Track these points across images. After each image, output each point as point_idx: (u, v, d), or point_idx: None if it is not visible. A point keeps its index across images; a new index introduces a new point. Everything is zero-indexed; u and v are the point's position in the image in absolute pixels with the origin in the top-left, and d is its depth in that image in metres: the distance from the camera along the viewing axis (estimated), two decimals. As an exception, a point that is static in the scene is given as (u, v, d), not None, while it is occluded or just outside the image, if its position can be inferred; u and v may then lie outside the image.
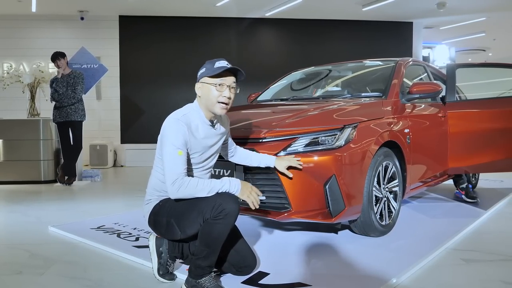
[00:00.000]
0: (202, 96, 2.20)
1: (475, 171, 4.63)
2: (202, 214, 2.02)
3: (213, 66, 2.17)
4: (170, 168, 2.06)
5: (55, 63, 5.99)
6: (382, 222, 3.03)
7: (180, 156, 2.07)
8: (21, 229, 3.47)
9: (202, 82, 2.20)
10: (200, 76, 2.22)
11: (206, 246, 2.04)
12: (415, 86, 3.59)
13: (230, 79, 2.20)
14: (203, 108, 2.22)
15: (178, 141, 2.08)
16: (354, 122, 2.82)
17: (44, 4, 8.19)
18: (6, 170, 6.25)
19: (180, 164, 2.07)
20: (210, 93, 2.16)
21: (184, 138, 2.10)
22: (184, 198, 2.09)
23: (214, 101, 2.16)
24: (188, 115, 2.18)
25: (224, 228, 2.02)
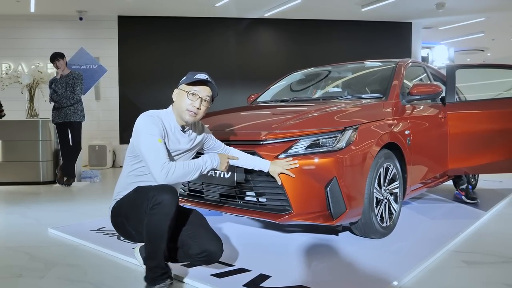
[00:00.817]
0: (176, 101, 2.29)
1: (475, 172, 4.64)
2: (143, 209, 2.05)
3: (193, 76, 2.26)
4: (154, 156, 2.09)
5: (54, 64, 5.97)
6: (382, 223, 3.02)
7: (160, 143, 2.13)
8: (21, 231, 3.46)
9: (179, 88, 2.30)
10: (179, 83, 2.31)
11: (148, 241, 2.04)
12: (415, 88, 3.59)
13: (204, 92, 2.27)
14: (175, 113, 2.30)
15: (154, 131, 2.14)
16: (355, 124, 2.82)
17: (43, 4, 8.17)
18: (5, 171, 6.23)
19: (162, 151, 2.12)
20: (183, 100, 2.25)
21: (159, 129, 2.17)
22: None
23: (184, 108, 2.24)
24: (161, 114, 2.27)
25: (161, 219, 2.00)
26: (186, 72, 2.40)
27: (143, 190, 2.13)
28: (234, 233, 3.22)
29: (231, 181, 2.83)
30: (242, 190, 2.84)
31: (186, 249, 2.24)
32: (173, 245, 2.25)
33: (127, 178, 2.29)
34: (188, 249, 2.23)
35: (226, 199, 2.96)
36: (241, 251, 2.78)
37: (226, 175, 2.85)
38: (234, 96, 9.26)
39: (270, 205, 2.74)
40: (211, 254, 2.21)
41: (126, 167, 2.31)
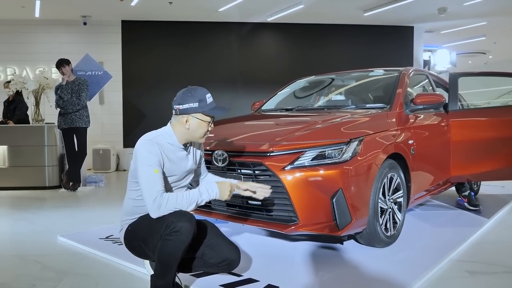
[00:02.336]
0: (190, 128, 2.24)
1: (477, 179, 4.69)
2: (159, 234, 2.07)
3: (205, 103, 2.22)
4: (148, 187, 2.09)
5: (60, 70, 6.03)
6: (387, 233, 3.08)
7: (156, 174, 2.11)
8: (31, 239, 3.51)
9: (194, 116, 2.22)
10: (191, 109, 2.21)
11: (160, 262, 2.09)
12: (419, 97, 3.64)
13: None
14: (181, 135, 2.27)
15: (152, 160, 2.12)
16: (360, 136, 2.87)
17: (47, 9, 8.24)
18: (11, 175, 6.29)
19: (158, 182, 2.11)
20: (201, 129, 2.24)
21: (157, 157, 2.14)
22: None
23: (202, 135, 2.26)
24: (160, 137, 2.23)
25: (176, 245, 2.03)
26: (188, 76, 2.44)
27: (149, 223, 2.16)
28: (241, 243, 3.27)
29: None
30: (249, 200, 2.89)
31: (206, 259, 2.31)
32: (190, 256, 2.29)
33: (135, 202, 2.28)
34: (208, 258, 2.30)
35: (233, 208, 3.01)
36: (248, 261, 2.83)
37: (233, 185, 2.90)
38: (236, 100, 9.32)
39: (276, 216, 2.79)
40: (231, 262, 2.31)
41: (131, 192, 2.30)
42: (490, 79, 5.28)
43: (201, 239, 2.30)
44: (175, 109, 2.25)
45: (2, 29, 9.02)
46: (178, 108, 2.23)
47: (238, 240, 3.33)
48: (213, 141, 3.12)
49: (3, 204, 5.24)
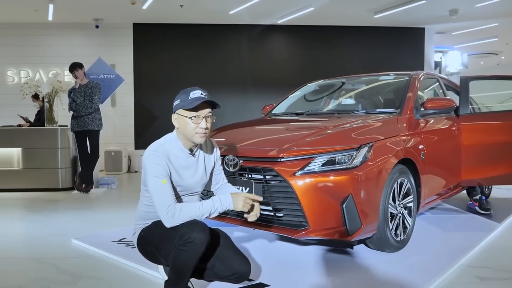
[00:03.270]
0: (179, 127, 2.22)
1: (488, 183, 4.66)
2: (172, 243, 2.09)
3: (187, 97, 2.16)
4: (159, 199, 2.10)
5: (73, 74, 6.12)
6: (397, 238, 3.09)
7: (164, 184, 2.12)
8: (46, 242, 3.59)
9: (179, 114, 2.20)
10: (175, 107, 2.22)
11: (173, 271, 2.12)
12: (429, 102, 3.64)
13: (206, 110, 2.19)
14: (181, 137, 2.25)
15: (158, 171, 2.13)
16: (370, 142, 2.89)
17: (60, 13, 8.36)
18: (25, 177, 6.40)
19: (167, 193, 2.12)
20: (187, 126, 2.18)
21: (163, 167, 2.14)
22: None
23: (192, 132, 2.18)
24: (165, 146, 2.22)
25: (190, 255, 2.05)
26: (199, 78, 2.43)
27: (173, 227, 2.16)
28: (252, 247, 3.31)
29: (249, 196, 2.91)
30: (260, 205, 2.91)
31: (216, 271, 2.30)
32: (201, 266, 2.30)
33: (147, 208, 2.29)
34: (218, 271, 2.29)
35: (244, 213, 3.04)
36: (259, 265, 2.86)
37: (244, 190, 2.94)
38: (246, 102, 9.37)
39: (287, 221, 2.82)
40: (240, 276, 2.30)
41: (144, 198, 2.31)
42: (503, 82, 5.24)
43: (213, 249, 2.30)
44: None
45: (16, 32, 9.17)
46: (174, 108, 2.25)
47: (249, 244, 3.36)
48: (224, 146, 3.15)
49: (19, 206, 5.35)
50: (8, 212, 4.96)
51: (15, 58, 9.28)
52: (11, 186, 6.33)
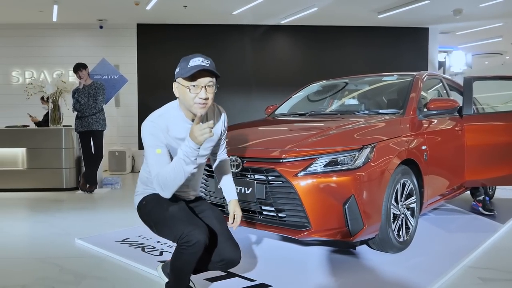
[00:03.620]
0: (179, 97, 2.11)
1: (492, 184, 4.65)
2: (172, 234, 2.07)
3: (187, 64, 2.03)
4: (153, 167, 2.07)
5: (77, 74, 6.15)
6: (399, 238, 3.09)
7: (159, 154, 2.05)
8: (49, 242, 3.61)
9: (178, 83, 2.09)
10: (175, 75, 2.10)
11: (173, 272, 2.13)
12: (432, 103, 3.64)
13: (205, 80, 2.04)
14: (183, 107, 2.13)
15: (153, 141, 2.06)
16: (373, 142, 2.89)
17: (65, 13, 8.39)
18: (29, 177, 6.44)
19: (161, 161, 2.05)
20: (186, 95, 2.05)
21: (159, 138, 2.06)
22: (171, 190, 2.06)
23: (191, 102, 2.04)
24: (165, 115, 2.13)
25: (189, 258, 2.03)
26: None
27: (173, 214, 2.12)
28: (253, 245, 3.32)
29: (252, 197, 2.92)
30: (263, 205, 2.93)
31: (204, 257, 2.22)
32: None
33: (148, 174, 2.21)
34: (206, 256, 2.24)
35: (247, 213, 3.05)
36: (261, 265, 2.87)
37: (247, 191, 2.95)
38: (250, 102, 9.38)
39: (289, 221, 2.82)
40: (229, 262, 2.25)
41: (145, 165, 2.25)
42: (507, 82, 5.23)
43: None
44: None
45: (20, 33, 9.22)
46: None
47: (252, 243, 3.37)
48: (227, 147, 3.16)
49: (23, 206, 5.38)
50: (12, 211, 4.99)
51: (19, 58, 9.33)
52: (16, 186, 6.38)
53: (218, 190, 3.07)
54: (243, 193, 2.97)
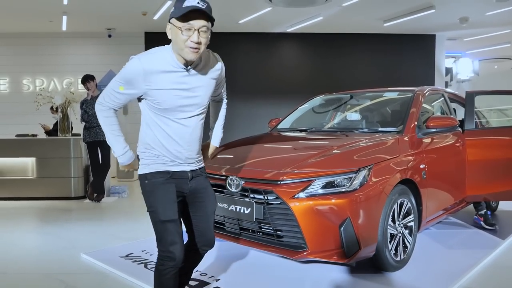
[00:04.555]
0: (172, 39, 2.00)
1: (494, 199, 4.67)
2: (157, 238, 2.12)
3: (181, 4, 1.89)
4: (105, 92, 2.10)
5: (85, 86, 6.28)
6: (396, 257, 3.13)
7: (119, 90, 2.04)
8: (56, 256, 3.72)
9: (171, 23, 1.97)
10: (170, 15, 1.97)
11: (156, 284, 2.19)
12: (431, 121, 3.67)
13: (200, 22, 1.92)
14: (175, 51, 2.01)
15: (125, 78, 2.01)
16: (369, 164, 2.94)
17: (74, 23, 8.54)
18: (39, 186, 6.57)
19: (116, 97, 2.07)
20: (177, 37, 1.94)
21: (134, 79, 1.98)
22: None
23: (182, 45, 1.93)
24: (154, 56, 2.02)
25: (170, 273, 2.09)
26: None
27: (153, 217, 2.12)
28: (253, 263, 3.39)
29: (251, 217, 2.99)
30: (261, 225, 3.00)
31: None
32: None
33: (143, 130, 2.20)
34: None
35: (245, 232, 3.13)
36: (260, 283, 2.94)
37: (246, 211, 3.02)
38: (257, 109, 9.45)
39: (287, 242, 2.89)
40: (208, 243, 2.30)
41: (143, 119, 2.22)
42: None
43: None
44: None
45: (31, 41, 9.40)
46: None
47: (251, 260, 3.44)
48: (228, 166, 3.24)
49: (34, 216, 5.52)
50: (22, 222, 5.12)
51: (30, 66, 9.51)
52: (26, 195, 6.51)
53: (219, 208, 3.15)
54: (242, 213, 3.04)
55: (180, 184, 2.16)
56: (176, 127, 2.10)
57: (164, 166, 2.13)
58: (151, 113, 2.09)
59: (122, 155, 2.19)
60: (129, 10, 7.72)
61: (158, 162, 2.13)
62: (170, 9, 1.97)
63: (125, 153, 2.18)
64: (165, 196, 2.11)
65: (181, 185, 2.16)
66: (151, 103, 2.06)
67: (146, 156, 2.17)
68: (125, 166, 2.24)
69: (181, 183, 2.16)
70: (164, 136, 2.10)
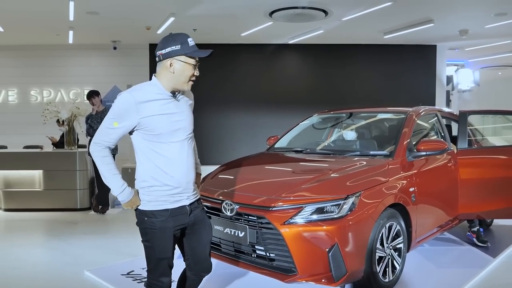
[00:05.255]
0: (175, 72, 2.20)
1: (487, 217, 4.76)
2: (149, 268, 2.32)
3: (187, 44, 2.20)
4: (99, 132, 2.22)
5: (90, 101, 6.47)
6: (385, 279, 3.26)
7: (113, 127, 2.18)
8: (60, 273, 3.90)
9: (177, 59, 2.20)
10: (173, 52, 2.18)
11: None
12: (422, 144, 3.78)
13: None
14: (167, 83, 2.23)
15: (119, 114, 2.16)
16: (357, 191, 3.07)
17: (80, 36, 8.75)
18: (46, 198, 6.76)
19: (110, 134, 2.20)
20: (186, 72, 2.21)
21: (127, 111, 2.15)
22: None
23: (187, 79, 2.23)
24: (142, 89, 2.21)
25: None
26: (213, 96, 2.51)
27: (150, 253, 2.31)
28: (247, 284, 3.53)
29: (244, 240, 3.14)
30: (254, 249, 3.14)
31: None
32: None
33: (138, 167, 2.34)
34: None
35: (240, 254, 3.27)
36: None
37: (240, 234, 3.16)
38: (259, 120, 9.59)
39: (278, 265, 3.03)
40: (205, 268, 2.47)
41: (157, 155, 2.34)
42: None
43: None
44: (157, 55, 2.24)
45: (39, 53, 9.63)
46: (160, 53, 2.21)
47: (245, 280, 3.58)
48: (224, 190, 3.39)
49: (40, 229, 5.72)
50: (30, 236, 5.29)
51: (38, 78, 9.74)
52: (33, 206, 6.70)
53: (215, 230, 3.30)
54: (237, 236, 3.19)
55: (180, 219, 2.32)
56: (172, 150, 2.26)
57: (164, 203, 2.28)
58: (146, 142, 2.25)
59: (121, 193, 2.26)
60: (133, 25, 7.91)
61: (159, 199, 2.27)
62: (171, 47, 2.18)
63: (123, 190, 2.26)
64: (163, 236, 2.27)
65: (181, 220, 2.33)
66: (146, 132, 2.22)
67: (146, 192, 2.29)
68: (127, 204, 2.29)
69: (180, 218, 2.32)
70: (164, 162, 2.25)
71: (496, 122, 5.78)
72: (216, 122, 9.69)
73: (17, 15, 7.08)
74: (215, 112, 9.64)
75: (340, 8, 6.64)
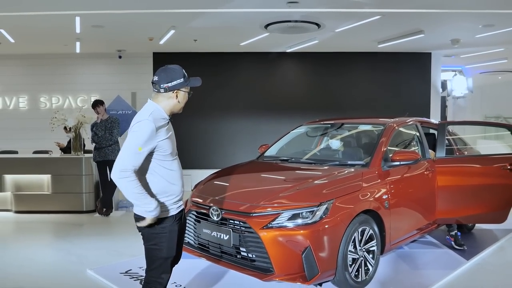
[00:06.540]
0: (180, 101, 2.65)
1: (466, 222, 5.06)
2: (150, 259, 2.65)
3: (186, 77, 2.66)
4: (126, 157, 2.42)
5: (95, 110, 6.86)
6: (357, 279, 3.58)
7: (139, 152, 2.42)
8: (65, 271, 4.27)
9: (183, 91, 2.66)
10: (179, 85, 2.60)
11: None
12: (396, 155, 4.10)
13: None
14: (167, 108, 2.62)
15: (144, 141, 2.43)
16: (330, 199, 3.40)
17: (87, 46, 9.14)
18: (54, 201, 7.15)
19: (137, 158, 2.43)
20: (184, 99, 2.69)
21: (151, 137, 2.45)
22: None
23: (183, 105, 2.70)
24: (156, 115, 2.53)
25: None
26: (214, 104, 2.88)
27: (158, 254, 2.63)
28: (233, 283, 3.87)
29: (228, 242, 3.49)
30: (237, 250, 3.49)
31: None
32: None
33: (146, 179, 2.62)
34: None
35: (225, 255, 3.61)
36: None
37: (225, 237, 3.51)
38: (257, 125, 9.93)
39: (258, 265, 3.37)
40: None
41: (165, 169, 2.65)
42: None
43: None
44: (163, 87, 2.57)
45: (47, 62, 10.05)
46: (167, 86, 2.58)
47: (231, 279, 3.92)
48: (212, 197, 3.74)
49: (47, 230, 6.11)
50: (38, 237, 5.68)
51: (47, 85, 10.15)
52: (42, 208, 7.09)
53: (204, 233, 3.67)
54: (222, 239, 3.54)
55: (179, 222, 2.74)
56: (175, 165, 2.67)
57: (171, 210, 2.66)
58: (156, 161, 2.57)
59: (156, 208, 2.49)
60: (136, 36, 8.28)
61: (168, 208, 2.64)
62: (176, 81, 2.62)
63: (158, 205, 2.50)
64: (172, 237, 2.68)
65: (180, 222, 2.75)
66: (159, 153, 2.55)
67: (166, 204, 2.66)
68: (154, 218, 2.53)
69: (180, 223, 2.75)
70: (171, 175, 2.62)
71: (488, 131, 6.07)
72: (217, 127, 10.04)
73: (27, 29, 7.49)
74: (216, 118, 9.99)
75: (331, 21, 6.94)
